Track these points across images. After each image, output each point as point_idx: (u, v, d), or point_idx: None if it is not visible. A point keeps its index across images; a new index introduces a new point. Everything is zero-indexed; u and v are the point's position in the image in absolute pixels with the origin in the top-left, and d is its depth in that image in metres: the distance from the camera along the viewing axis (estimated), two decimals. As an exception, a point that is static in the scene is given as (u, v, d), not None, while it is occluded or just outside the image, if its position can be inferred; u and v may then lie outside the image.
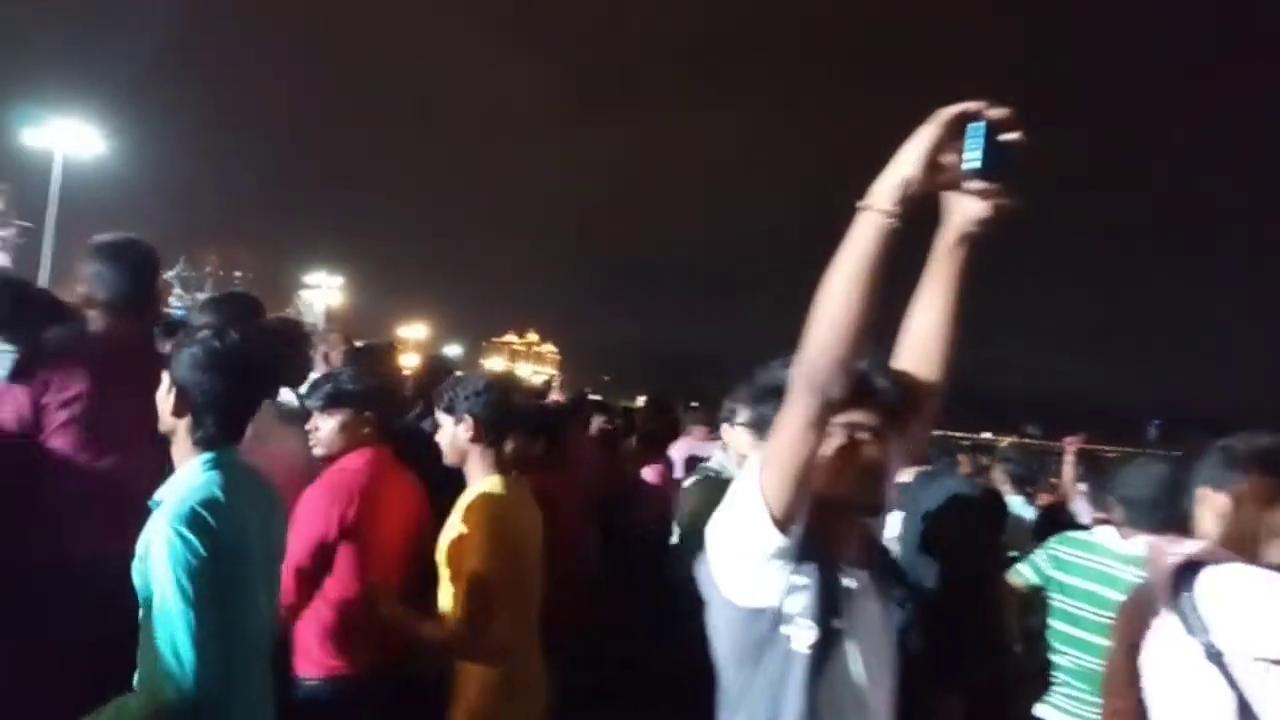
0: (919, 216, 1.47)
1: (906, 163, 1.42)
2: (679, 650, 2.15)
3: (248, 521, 2.04)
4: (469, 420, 2.73)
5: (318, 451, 2.92)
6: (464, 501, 2.71)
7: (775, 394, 1.58)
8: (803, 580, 1.59)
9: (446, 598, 2.64)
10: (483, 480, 2.74)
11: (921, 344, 1.73)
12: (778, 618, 1.58)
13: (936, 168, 1.45)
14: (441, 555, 2.68)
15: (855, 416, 1.63)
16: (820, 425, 1.49)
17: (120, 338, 2.87)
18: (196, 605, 1.85)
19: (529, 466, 3.35)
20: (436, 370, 4.96)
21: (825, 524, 1.61)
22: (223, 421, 2.08)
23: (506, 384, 2.97)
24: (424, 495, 3.03)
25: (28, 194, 28.11)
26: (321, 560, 2.73)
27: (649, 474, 5.09)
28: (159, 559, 1.86)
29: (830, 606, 1.59)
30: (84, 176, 31.34)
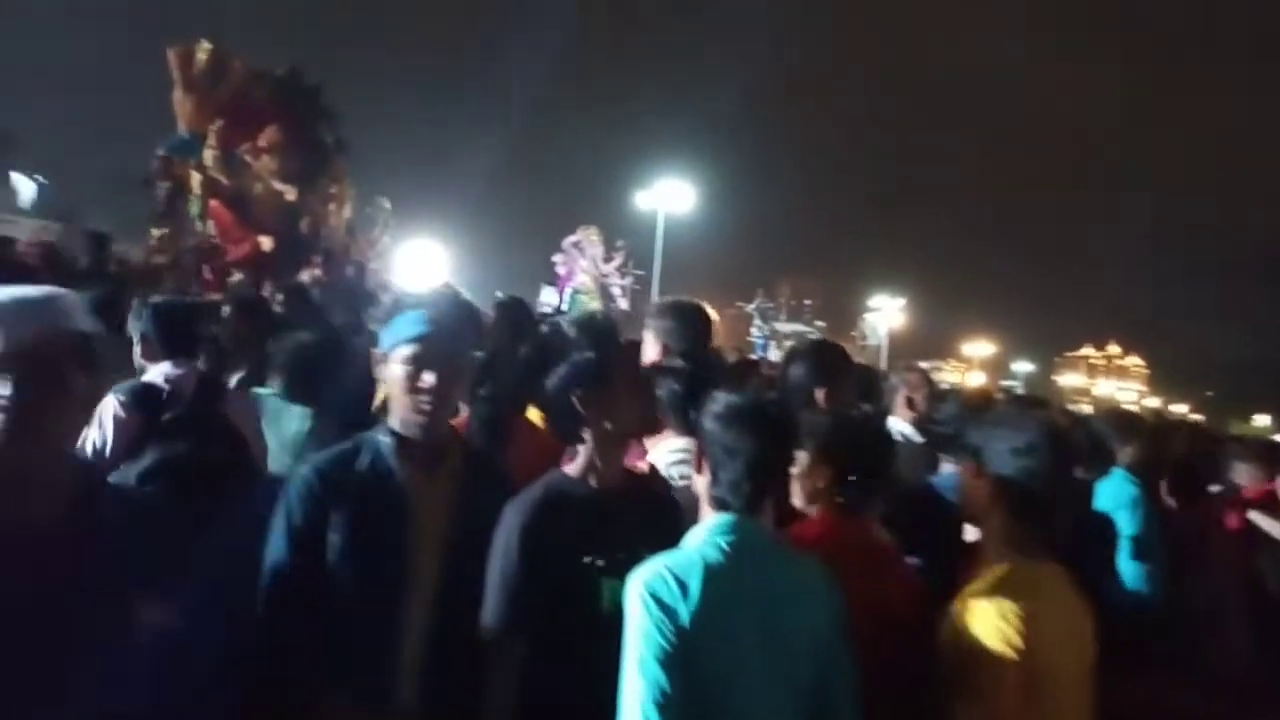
0: None
1: None
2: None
3: (735, 608, 1.80)
4: (993, 479, 2.08)
5: (795, 503, 2.39)
6: (969, 593, 2.03)
7: None
8: None
9: None
10: (998, 567, 2.05)
11: None
12: None
13: None
14: (944, 670, 2.04)
15: None
16: None
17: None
18: (639, 675, 1.72)
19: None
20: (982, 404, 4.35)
21: None
22: (739, 484, 1.87)
23: (1062, 439, 2.17)
24: (909, 581, 2.31)
25: (638, 247, 33.09)
26: None
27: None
28: (629, 612, 1.78)
29: None
30: (682, 227, 36.19)
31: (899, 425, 3.90)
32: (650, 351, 3.17)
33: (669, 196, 34.05)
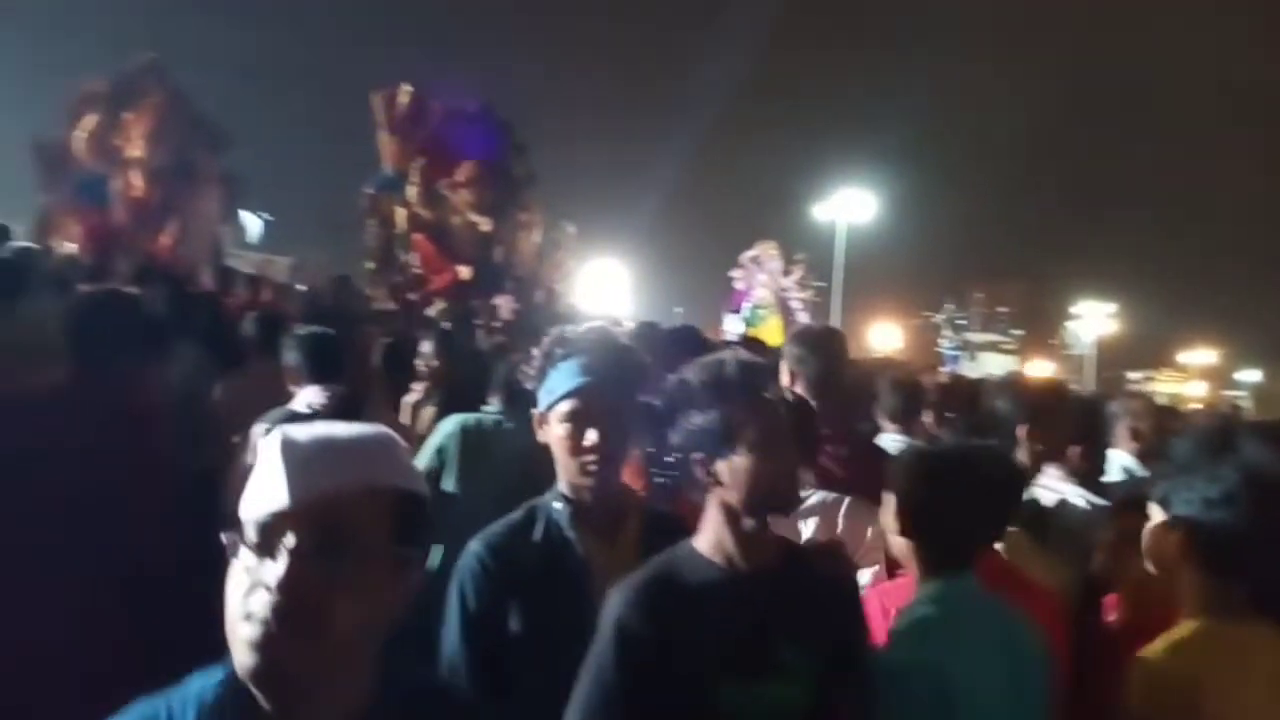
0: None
1: None
2: None
3: (970, 673, 1.77)
4: (1183, 531, 1.90)
5: None
6: (1148, 651, 1.89)
7: None
8: None
9: None
10: (1185, 625, 1.91)
11: None
12: None
13: None
14: None
15: None
16: None
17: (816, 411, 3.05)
18: None
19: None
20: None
21: None
22: (946, 544, 1.85)
23: (1267, 488, 1.91)
24: (1048, 610, 2.19)
25: (819, 260, 32.70)
26: None
27: None
28: (884, 691, 1.76)
29: None
30: (863, 237, 35.51)
31: (1122, 459, 3.63)
32: (783, 379, 3.18)
33: (849, 206, 33.52)
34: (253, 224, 26.33)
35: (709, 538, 1.68)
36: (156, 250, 11.36)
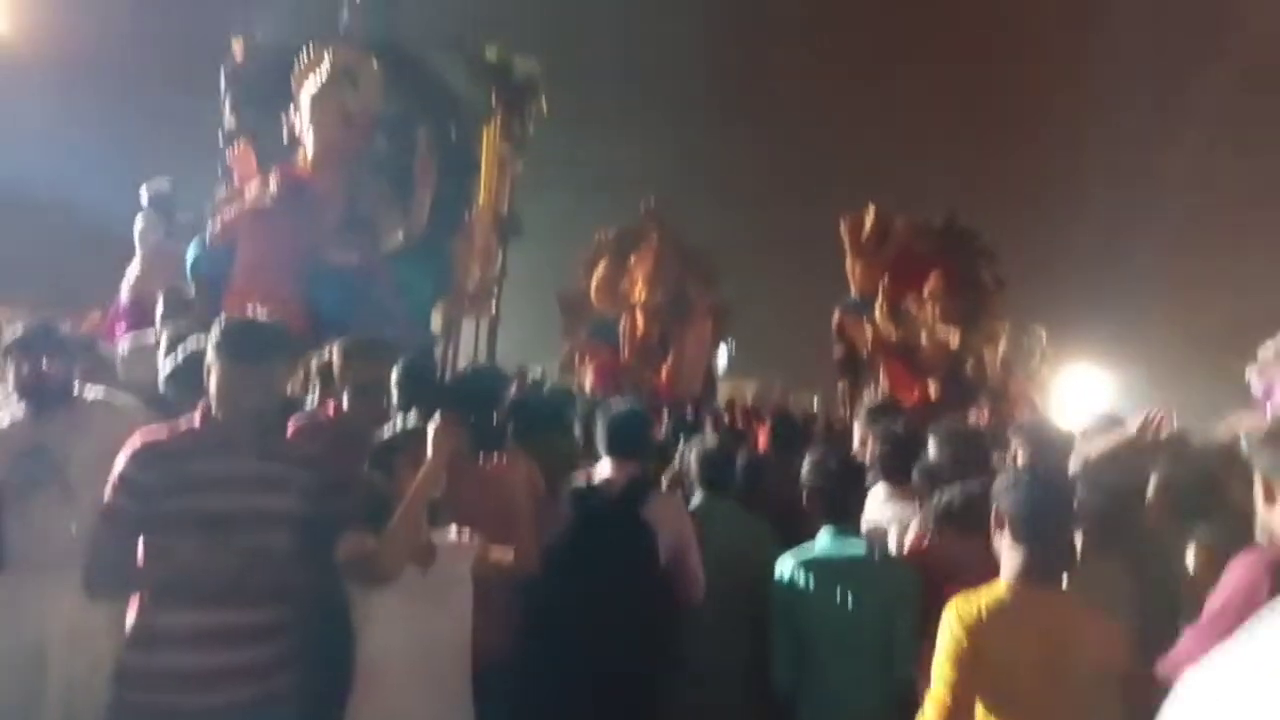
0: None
1: None
2: None
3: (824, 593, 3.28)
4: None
5: None
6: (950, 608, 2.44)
7: None
8: None
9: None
10: (991, 585, 2.42)
11: None
12: None
13: None
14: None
15: None
16: None
17: None
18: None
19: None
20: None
21: None
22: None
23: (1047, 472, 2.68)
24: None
25: None
26: None
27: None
28: None
29: None
30: None
31: None
32: None
33: None
34: (720, 353, 28.24)
35: None
36: (656, 384, 12.57)
